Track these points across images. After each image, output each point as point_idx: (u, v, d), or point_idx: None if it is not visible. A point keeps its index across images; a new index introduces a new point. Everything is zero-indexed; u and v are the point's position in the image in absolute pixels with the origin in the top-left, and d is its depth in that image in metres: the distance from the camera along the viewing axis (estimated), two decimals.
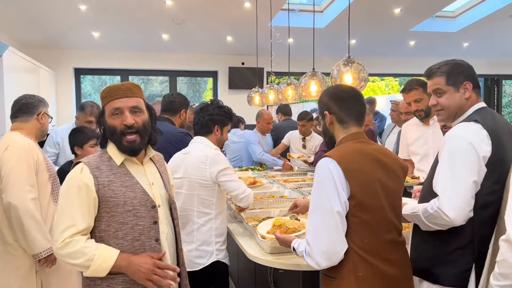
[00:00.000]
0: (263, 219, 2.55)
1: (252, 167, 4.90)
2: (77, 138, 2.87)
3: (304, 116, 4.97)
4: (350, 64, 2.56)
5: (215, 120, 2.50)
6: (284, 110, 5.82)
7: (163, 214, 1.71)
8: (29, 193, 2.33)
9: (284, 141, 5.24)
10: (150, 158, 1.78)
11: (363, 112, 1.72)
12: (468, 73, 1.78)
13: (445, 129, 2.60)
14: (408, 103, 3.08)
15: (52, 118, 2.71)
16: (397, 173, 1.66)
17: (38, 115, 2.57)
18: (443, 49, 7.10)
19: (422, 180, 2.84)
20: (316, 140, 5.09)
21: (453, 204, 1.57)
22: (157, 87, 9.01)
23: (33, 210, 2.33)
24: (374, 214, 1.55)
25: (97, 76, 9.72)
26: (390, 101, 4.76)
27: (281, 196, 3.41)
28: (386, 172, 1.61)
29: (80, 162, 1.65)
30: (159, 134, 1.78)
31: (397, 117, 4.33)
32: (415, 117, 3.25)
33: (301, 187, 3.78)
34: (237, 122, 5.52)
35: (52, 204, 2.52)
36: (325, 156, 1.58)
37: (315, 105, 11.63)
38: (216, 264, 2.43)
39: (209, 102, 2.58)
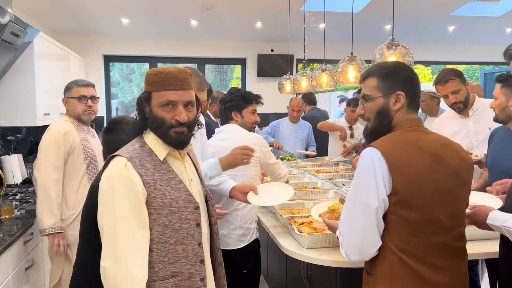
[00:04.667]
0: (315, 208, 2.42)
1: (282, 156, 4.78)
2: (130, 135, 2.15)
3: (357, 102, 4.79)
4: (394, 48, 2.39)
5: (229, 107, 2.56)
6: (308, 98, 5.59)
7: (202, 212, 1.57)
8: (52, 173, 2.59)
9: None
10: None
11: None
12: None
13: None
14: (445, 95, 2.86)
15: (82, 97, 2.78)
16: (456, 168, 1.45)
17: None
18: (484, 35, 6.73)
19: (479, 157, 2.66)
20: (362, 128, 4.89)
21: None
22: None
23: (50, 188, 2.57)
24: (419, 213, 1.38)
25: (125, 64, 9.76)
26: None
27: (314, 188, 3.28)
28: (441, 166, 1.42)
29: (117, 155, 1.45)
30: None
31: (429, 107, 4.06)
32: (448, 111, 3.04)
33: (334, 178, 3.64)
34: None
35: (86, 182, 2.72)
36: (371, 145, 1.43)
37: (343, 94, 11.38)
38: (255, 242, 2.50)
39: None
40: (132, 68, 11.75)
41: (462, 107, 2.85)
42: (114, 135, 1.77)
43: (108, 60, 6.90)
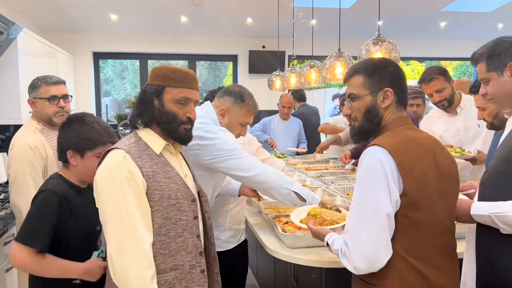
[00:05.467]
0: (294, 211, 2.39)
1: (273, 154, 4.74)
2: (80, 135, 1.70)
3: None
4: (380, 43, 2.34)
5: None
6: (298, 95, 5.57)
7: (198, 208, 1.58)
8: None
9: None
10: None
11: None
12: None
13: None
14: (430, 94, 2.83)
15: (52, 97, 2.33)
16: (448, 166, 1.42)
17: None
18: (476, 31, 6.72)
19: (472, 154, 2.63)
20: None
21: None
22: None
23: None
24: (426, 214, 1.32)
25: (118, 61, 9.68)
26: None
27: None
28: (438, 165, 1.38)
29: (115, 148, 1.44)
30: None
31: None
32: (435, 109, 3.01)
33: (323, 176, 3.60)
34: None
35: None
36: (374, 144, 1.34)
37: (338, 91, 11.35)
38: (244, 243, 2.47)
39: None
40: (125, 65, 11.66)
41: (447, 105, 2.82)
42: (64, 133, 1.71)
43: (98, 57, 6.83)
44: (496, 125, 2.25)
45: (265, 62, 6.71)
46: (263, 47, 6.86)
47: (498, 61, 1.52)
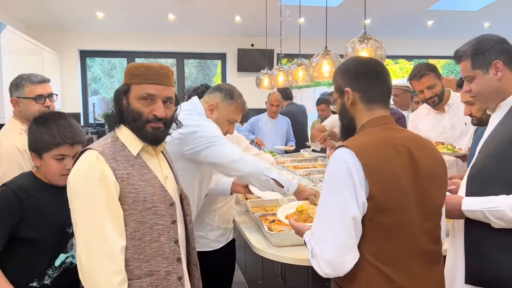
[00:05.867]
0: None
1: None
2: (35, 137, 1.64)
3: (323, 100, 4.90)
4: (366, 41, 2.35)
5: None
6: (285, 94, 5.58)
7: (178, 211, 1.53)
8: None
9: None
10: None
11: (391, 91, 1.43)
12: (499, 49, 1.53)
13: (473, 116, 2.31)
14: (420, 90, 2.83)
15: (38, 97, 2.27)
16: (430, 167, 1.34)
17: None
18: (462, 29, 6.77)
19: (463, 152, 2.64)
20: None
21: None
22: None
23: None
24: (396, 217, 1.26)
25: (107, 60, 9.59)
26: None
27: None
28: (415, 166, 1.30)
29: (89, 149, 1.40)
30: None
31: (403, 101, 4.07)
32: (423, 106, 3.02)
33: (311, 174, 3.60)
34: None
35: None
36: (342, 145, 1.29)
37: (327, 89, 11.39)
38: (232, 242, 2.46)
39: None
40: (114, 64, 11.57)
41: (438, 101, 2.83)
42: (28, 134, 1.66)
43: (84, 55, 6.76)
44: (484, 120, 2.26)
45: (254, 61, 6.69)
46: (252, 45, 6.85)
47: (483, 58, 1.53)
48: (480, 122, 2.26)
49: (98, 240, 1.31)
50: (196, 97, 2.22)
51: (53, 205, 1.58)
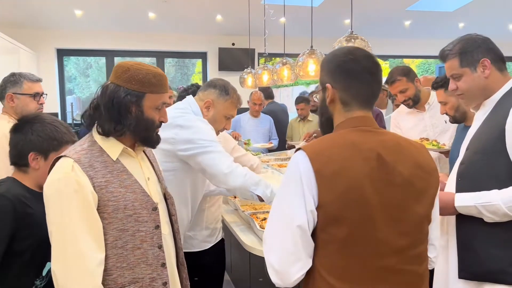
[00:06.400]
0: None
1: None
2: (43, 135, 1.58)
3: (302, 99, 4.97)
4: (353, 40, 2.39)
5: None
6: (267, 93, 5.62)
7: (162, 213, 1.49)
8: None
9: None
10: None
11: (377, 92, 1.28)
12: (485, 48, 1.59)
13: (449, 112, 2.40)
14: (395, 94, 2.95)
15: (36, 94, 2.45)
16: (407, 176, 1.18)
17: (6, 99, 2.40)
18: (438, 29, 6.95)
19: (447, 147, 2.71)
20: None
21: None
22: None
23: None
24: (351, 230, 1.12)
25: (82, 58, 9.40)
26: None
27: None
28: (386, 174, 1.16)
29: (63, 156, 1.33)
30: None
31: (379, 100, 4.17)
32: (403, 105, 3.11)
33: None
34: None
35: None
36: (301, 147, 1.20)
37: (305, 88, 11.47)
38: (221, 242, 2.44)
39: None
40: (89, 63, 11.34)
41: (412, 104, 2.93)
42: (23, 135, 1.56)
43: (62, 54, 6.61)
44: (458, 118, 2.34)
45: (235, 60, 6.70)
46: (233, 44, 6.85)
47: (471, 57, 1.58)
48: (456, 120, 2.36)
49: (73, 257, 1.26)
50: (190, 96, 2.20)
51: (38, 214, 1.49)
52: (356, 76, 1.23)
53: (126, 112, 1.36)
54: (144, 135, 1.43)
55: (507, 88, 1.58)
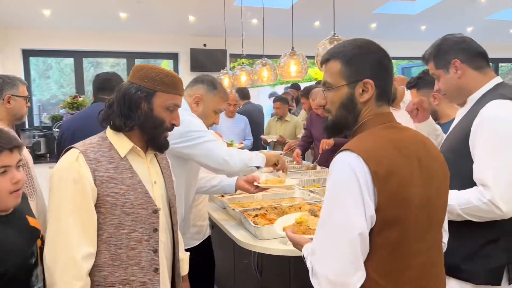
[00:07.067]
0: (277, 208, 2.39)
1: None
2: None
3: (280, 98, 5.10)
4: (336, 42, 2.48)
5: None
6: (243, 93, 5.67)
7: (162, 218, 1.49)
8: None
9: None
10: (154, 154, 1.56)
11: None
12: (457, 49, 1.63)
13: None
14: None
15: (27, 97, 2.44)
16: (433, 171, 1.19)
17: (3, 99, 2.32)
18: (402, 32, 7.24)
19: None
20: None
21: (507, 196, 1.43)
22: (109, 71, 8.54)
23: None
24: (404, 231, 1.11)
25: (41, 59, 9.07)
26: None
27: None
28: (421, 172, 1.14)
29: (72, 147, 1.38)
30: None
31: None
32: None
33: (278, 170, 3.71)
34: None
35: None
36: (346, 149, 1.11)
37: (271, 90, 11.58)
38: (208, 239, 2.48)
39: None
40: (50, 64, 10.96)
41: None
42: None
43: (28, 54, 6.40)
44: (432, 114, 2.49)
45: (208, 60, 6.70)
46: (204, 45, 6.85)
47: (444, 59, 1.64)
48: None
49: (61, 246, 1.31)
50: None
51: (11, 239, 1.32)
52: (390, 72, 1.23)
53: (136, 107, 1.40)
54: (151, 133, 1.44)
55: (489, 87, 1.61)
